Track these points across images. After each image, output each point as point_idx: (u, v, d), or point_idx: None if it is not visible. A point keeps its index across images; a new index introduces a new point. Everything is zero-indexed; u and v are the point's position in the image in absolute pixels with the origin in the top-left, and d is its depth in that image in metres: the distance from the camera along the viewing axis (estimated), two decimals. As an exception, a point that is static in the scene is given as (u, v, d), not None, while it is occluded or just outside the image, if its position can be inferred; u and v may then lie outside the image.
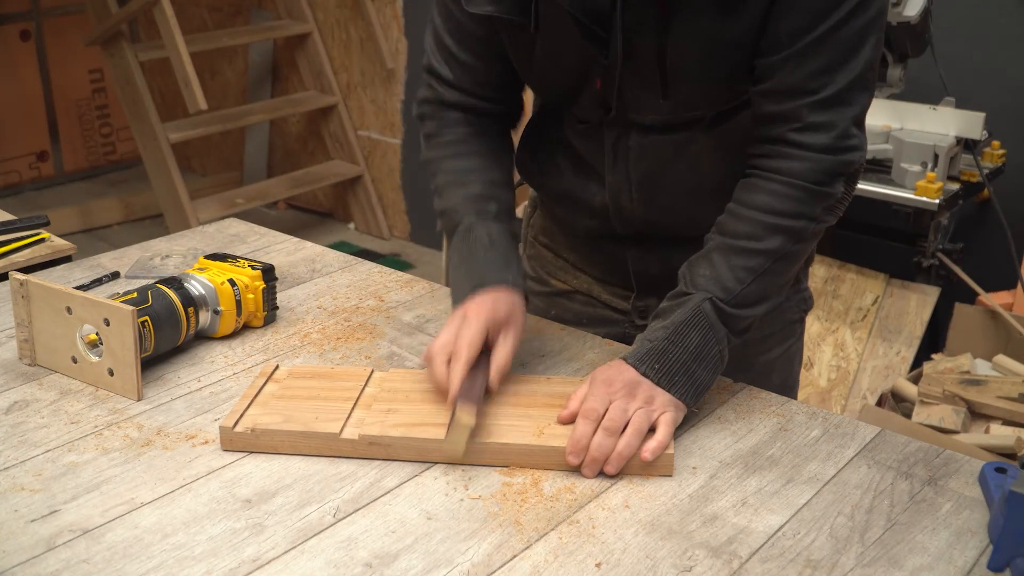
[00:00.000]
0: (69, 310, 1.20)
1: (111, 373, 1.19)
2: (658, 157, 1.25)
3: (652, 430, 1.08)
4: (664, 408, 1.09)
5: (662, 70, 1.16)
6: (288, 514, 0.99)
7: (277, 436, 1.09)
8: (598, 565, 0.92)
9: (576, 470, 1.06)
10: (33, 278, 1.23)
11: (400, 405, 1.13)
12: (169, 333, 1.25)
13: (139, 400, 1.18)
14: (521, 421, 1.11)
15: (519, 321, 1.19)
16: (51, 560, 0.92)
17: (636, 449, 1.06)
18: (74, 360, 1.22)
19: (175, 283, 1.29)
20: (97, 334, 1.20)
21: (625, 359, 1.12)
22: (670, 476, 1.06)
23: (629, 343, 1.33)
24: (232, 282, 1.32)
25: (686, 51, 1.14)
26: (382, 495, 1.02)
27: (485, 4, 1.17)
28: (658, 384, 1.10)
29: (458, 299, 1.20)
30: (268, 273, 1.36)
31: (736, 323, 1.14)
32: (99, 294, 1.33)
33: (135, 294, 1.24)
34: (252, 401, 1.14)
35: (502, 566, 0.92)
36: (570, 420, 1.09)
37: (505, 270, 1.22)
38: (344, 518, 0.99)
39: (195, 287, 1.29)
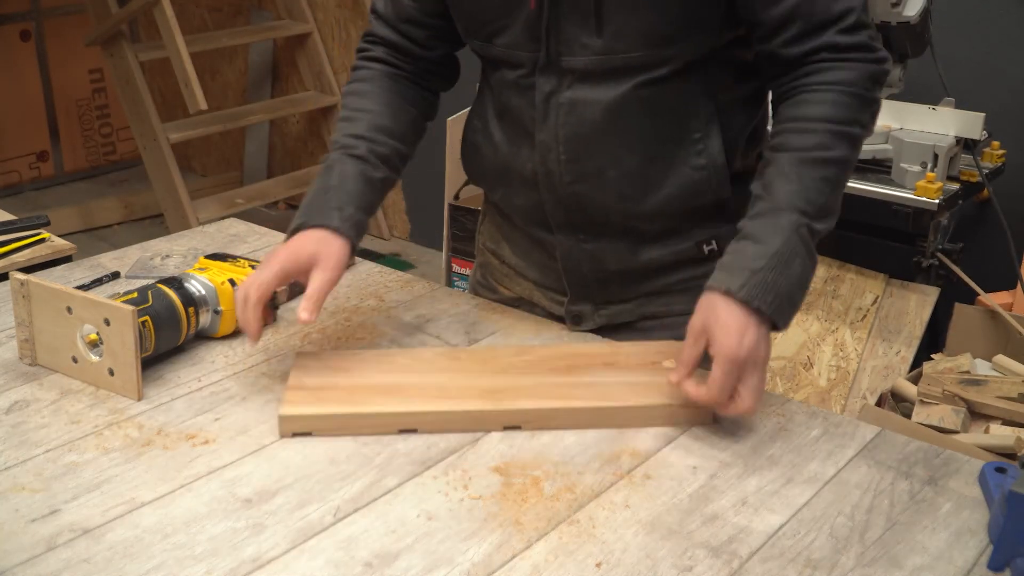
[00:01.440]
0: (69, 310, 1.20)
1: (111, 373, 1.19)
2: (588, 116, 1.23)
3: None
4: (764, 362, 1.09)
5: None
6: (288, 514, 0.99)
7: (335, 420, 1.12)
8: (598, 565, 0.92)
9: (576, 471, 1.06)
10: (33, 278, 1.23)
11: (438, 377, 1.19)
12: (169, 333, 1.25)
13: (139, 400, 1.18)
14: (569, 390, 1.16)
15: (331, 259, 1.18)
16: (51, 560, 0.92)
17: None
18: (74, 360, 1.22)
19: (175, 283, 1.29)
20: (98, 334, 1.20)
21: (733, 294, 1.07)
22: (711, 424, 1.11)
23: None
24: (232, 282, 1.32)
25: None
26: (382, 495, 1.02)
27: None
28: (771, 315, 1.07)
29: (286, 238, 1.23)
30: None
31: (818, 238, 1.13)
32: (99, 294, 1.33)
33: (135, 294, 1.24)
34: (301, 389, 1.17)
35: (502, 566, 0.92)
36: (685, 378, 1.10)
37: (332, 212, 1.21)
38: (344, 518, 0.99)
39: (195, 287, 1.29)
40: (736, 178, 1.27)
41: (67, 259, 1.71)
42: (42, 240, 1.74)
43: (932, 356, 2.62)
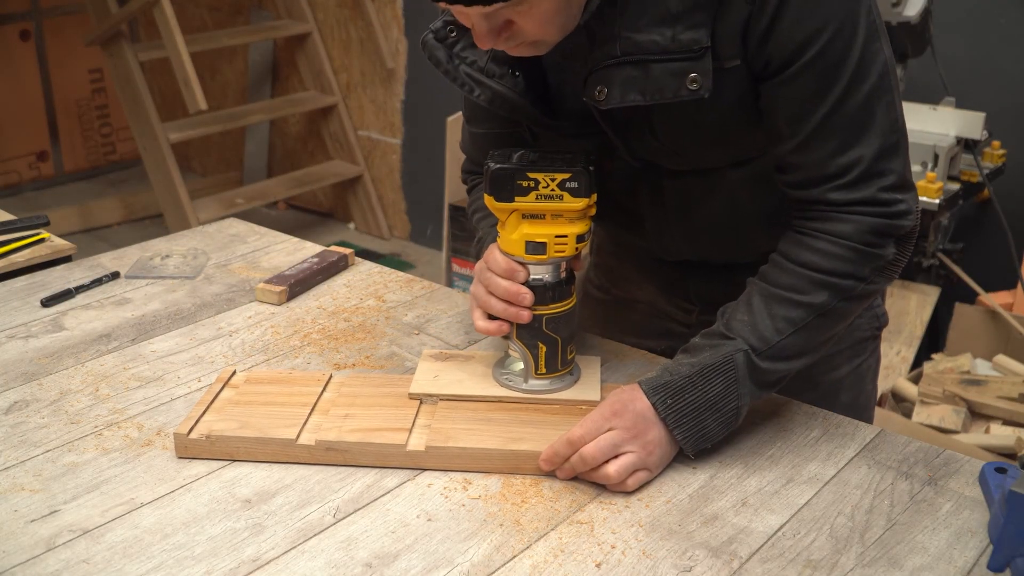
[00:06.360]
0: None
1: None
2: (691, 196, 1.22)
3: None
4: (652, 467, 1.05)
5: (664, 146, 1.15)
6: (288, 514, 0.99)
7: (232, 443, 1.07)
8: (598, 565, 0.92)
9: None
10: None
11: (358, 410, 1.12)
12: None
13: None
14: (482, 425, 1.10)
15: None
16: (51, 560, 0.92)
17: (604, 481, 1.04)
18: None
19: None
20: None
21: (640, 384, 1.08)
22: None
23: None
24: None
25: (678, 135, 1.13)
26: (382, 495, 1.02)
27: (483, 123, 1.28)
28: (664, 420, 1.05)
29: None
30: None
31: (765, 376, 1.09)
32: (99, 294, 1.33)
33: None
34: (208, 407, 1.13)
35: (502, 566, 0.92)
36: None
37: None
38: (344, 518, 0.99)
39: None
40: None
41: (67, 259, 1.71)
42: (42, 240, 1.74)
43: (932, 356, 2.62)
